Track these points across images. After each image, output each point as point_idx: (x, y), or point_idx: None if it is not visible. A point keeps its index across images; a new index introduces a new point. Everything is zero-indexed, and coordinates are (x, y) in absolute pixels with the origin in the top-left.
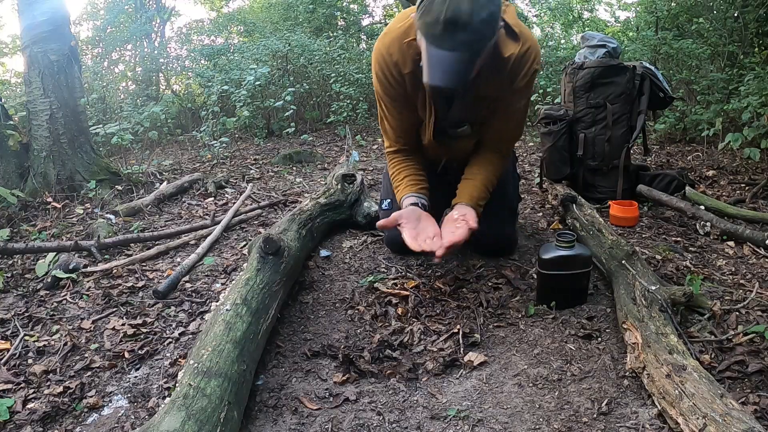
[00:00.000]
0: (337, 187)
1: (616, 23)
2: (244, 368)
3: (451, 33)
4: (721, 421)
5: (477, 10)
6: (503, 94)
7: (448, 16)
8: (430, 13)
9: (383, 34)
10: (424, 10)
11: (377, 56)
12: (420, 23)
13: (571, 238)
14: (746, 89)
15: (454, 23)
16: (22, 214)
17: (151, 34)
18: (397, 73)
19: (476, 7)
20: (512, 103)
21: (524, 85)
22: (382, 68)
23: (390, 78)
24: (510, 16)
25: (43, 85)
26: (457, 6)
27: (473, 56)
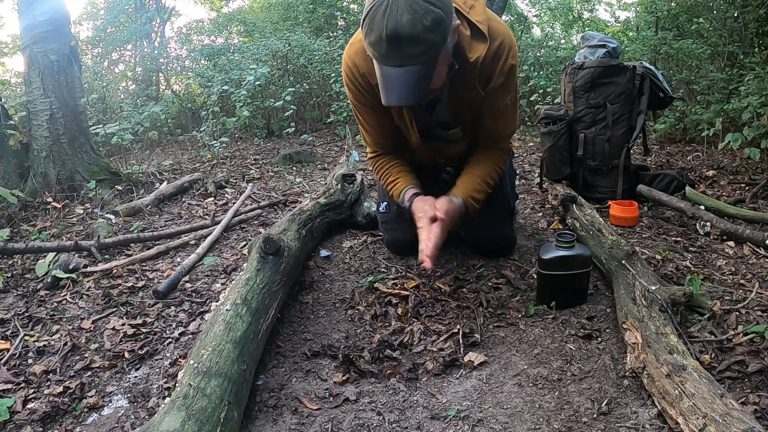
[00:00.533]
0: (337, 187)
1: (616, 23)
2: (244, 368)
3: (396, 49)
4: (721, 421)
5: (419, 19)
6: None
7: (389, 32)
8: (372, 32)
9: (349, 44)
10: (367, 29)
11: (345, 68)
12: (366, 43)
13: (571, 238)
14: (746, 89)
15: (397, 38)
16: (22, 214)
17: (151, 34)
18: (365, 83)
19: (418, 17)
20: (495, 101)
21: (502, 84)
22: (350, 79)
23: (360, 88)
24: (477, 12)
25: (43, 85)
26: (396, 20)
27: (426, 67)
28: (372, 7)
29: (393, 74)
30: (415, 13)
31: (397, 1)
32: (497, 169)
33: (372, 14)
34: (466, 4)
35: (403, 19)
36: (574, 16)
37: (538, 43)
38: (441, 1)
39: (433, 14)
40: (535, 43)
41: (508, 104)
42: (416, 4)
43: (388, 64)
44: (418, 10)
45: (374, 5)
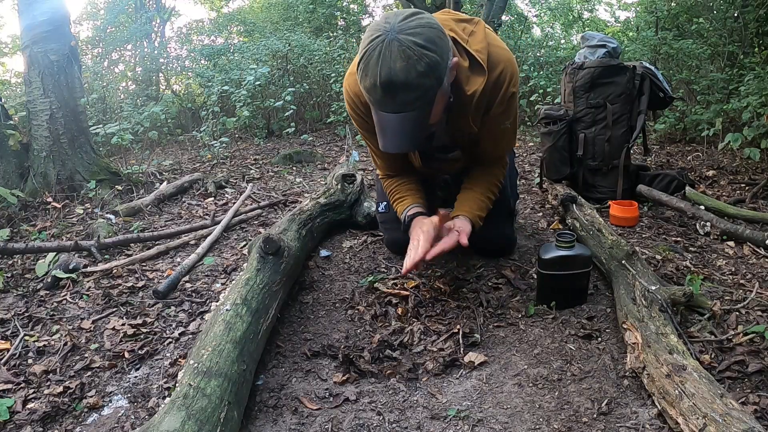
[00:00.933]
0: (337, 187)
1: (616, 23)
2: (244, 368)
3: (390, 95)
4: (721, 421)
5: (413, 65)
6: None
7: (383, 79)
8: (366, 78)
9: (348, 73)
10: (362, 74)
11: (346, 96)
12: (361, 87)
13: (571, 238)
14: (746, 89)
15: (391, 85)
16: (22, 214)
17: (151, 34)
18: (367, 111)
19: (411, 63)
20: (495, 127)
21: (502, 111)
22: (352, 107)
23: (363, 115)
24: (476, 40)
25: (43, 85)
26: (390, 66)
27: (422, 112)
28: (366, 52)
29: (389, 120)
30: (408, 59)
31: (390, 47)
32: (497, 183)
33: (366, 59)
34: (465, 31)
35: (396, 65)
36: (574, 16)
37: (538, 43)
38: (435, 43)
39: (427, 59)
40: (535, 43)
41: (507, 127)
42: (410, 49)
43: (384, 110)
44: (411, 56)
45: (368, 50)
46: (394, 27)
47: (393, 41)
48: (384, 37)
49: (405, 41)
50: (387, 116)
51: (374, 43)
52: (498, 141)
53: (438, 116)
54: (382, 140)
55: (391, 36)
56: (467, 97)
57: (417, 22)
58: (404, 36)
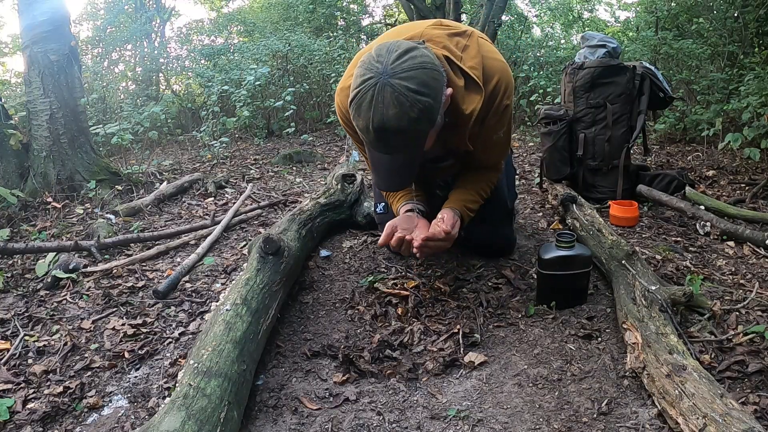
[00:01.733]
0: (337, 187)
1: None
2: (244, 368)
3: (383, 140)
4: (721, 421)
5: (406, 112)
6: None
7: (375, 125)
8: (359, 119)
9: (339, 88)
10: (354, 113)
11: (338, 111)
12: (354, 124)
13: (571, 238)
14: (746, 89)
15: (384, 131)
16: (22, 214)
17: (151, 34)
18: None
19: (404, 110)
20: (488, 138)
21: (496, 122)
22: (346, 123)
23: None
24: (470, 55)
25: (43, 85)
26: (382, 113)
27: (414, 151)
28: (358, 93)
29: (380, 159)
30: (401, 105)
31: (383, 92)
32: (490, 184)
33: (358, 101)
34: (459, 46)
35: (389, 112)
36: (574, 16)
37: (538, 43)
38: (429, 86)
39: (420, 105)
40: (535, 43)
41: (500, 137)
42: (402, 96)
43: (376, 150)
44: (404, 103)
45: (360, 91)
46: (386, 69)
47: (386, 86)
48: (376, 81)
49: (398, 87)
50: (379, 155)
51: (366, 86)
52: (490, 151)
53: (430, 145)
54: (376, 177)
55: (383, 80)
56: (465, 117)
57: (410, 62)
58: (397, 81)
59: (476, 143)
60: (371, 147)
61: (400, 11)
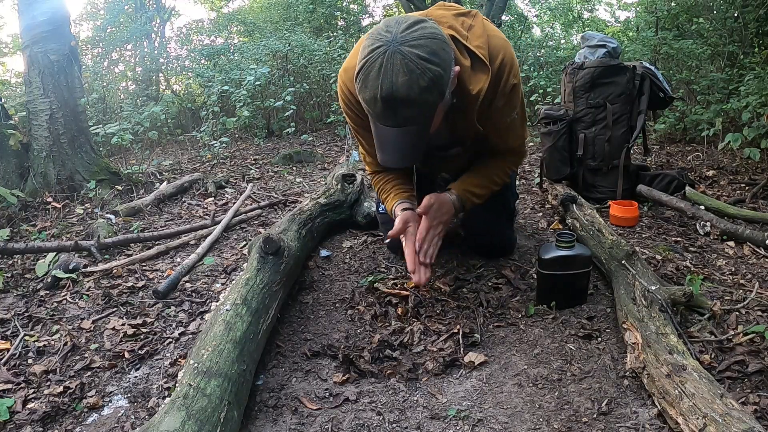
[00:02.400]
0: (337, 187)
1: (616, 23)
2: (244, 368)
3: (392, 110)
4: (721, 421)
5: (416, 80)
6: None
7: (384, 93)
8: (366, 90)
9: (343, 69)
10: (361, 85)
11: (340, 92)
12: (360, 98)
13: (571, 238)
14: (746, 89)
15: (393, 100)
16: (22, 214)
17: (151, 34)
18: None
19: (414, 77)
20: (500, 121)
21: (505, 103)
22: (346, 103)
23: (357, 112)
24: (476, 34)
25: (43, 85)
26: (391, 81)
27: (423, 126)
28: (366, 62)
29: (388, 133)
30: (411, 73)
31: (393, 60)
32: (507, 169)
33: (366, 70)
34: (464, 26)
35: (398, 80)
36: (574, 16)
37: (538, 43)
38: (439, 56)
39: (430, 73)
40: (535, 43)
41: (515, 119)
42: (412, 63)
43: (384, 123)
44: (414, 70)
45: (368, 60)
46: (396, 37)
47: (395, 53)
48: (386, 48)
49: (408, 54)
50: (386, 130)
51: (375, 54)
52: (505, 135)
53: (437, 125)
54: (381, 154)
55: (393, 47)
56: (472, 97)
57: (420, 32)
58: (407, 48)
59: (488, 128)
60: (378, 120)
61: (400, 11)
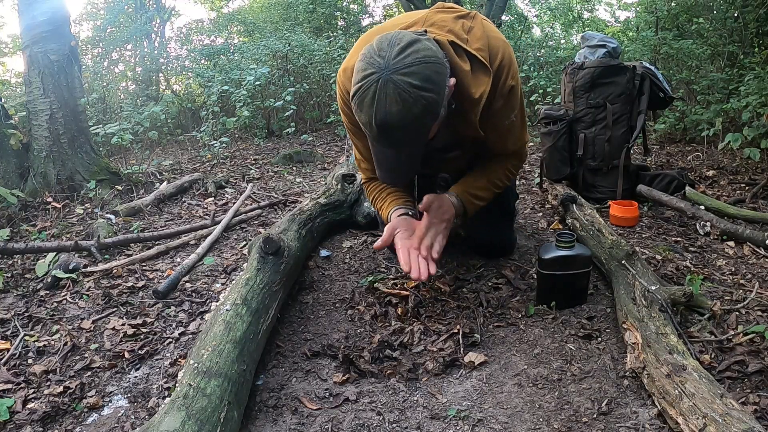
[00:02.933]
0: (337, 187)
1: (616, 23)
2: (244, 368)
3: (386, 136)
4: (721, 421)
5: (409, 108)
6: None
7: (378, 121)
8: (362, 114)
9: (342, 69)
10: (356, 108)
11: (339, 91)
12: (357, 118)
13: (571, 238)
14: (746, 89)
15: (387, 127)
16: (22, 214)
17: (151, 34)
18: None
19: (407, 106)
20: (499, 123)
21: (503, 105)
22: (345, 102)
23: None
24: (475, 36)
25: (43, 85)
26: (385, 110)
27: (417, 146)
28: (360, 88)
29: (384, 154)
30: (404, 102)
31: (386, 89)
32: (507, 172)
33: (361, 95)
34: (464, 28)
35: (392, 109)
36: (574, 16)
37: (538, 43)
38: (432, 81)
39: (423, 100)
40: (535, 43)
41: (513, 121)
42: (405, 92)
43: (380, 145)
44: (407, 99)
45: (362, 86)
46: (389, 64)
47: (388, 83)
48: (378, 76)
49: (400, 83)
50: (383, 150)
51: (368, 81)
52: (504, 137)
53: (434, 132)
54: (380, 172)
55: (385, 76)
56: (474, 101)
57: (413, 57)
58: (399, 77)
59: (487, 129)
60: (375, 142)
61: (400, 11)
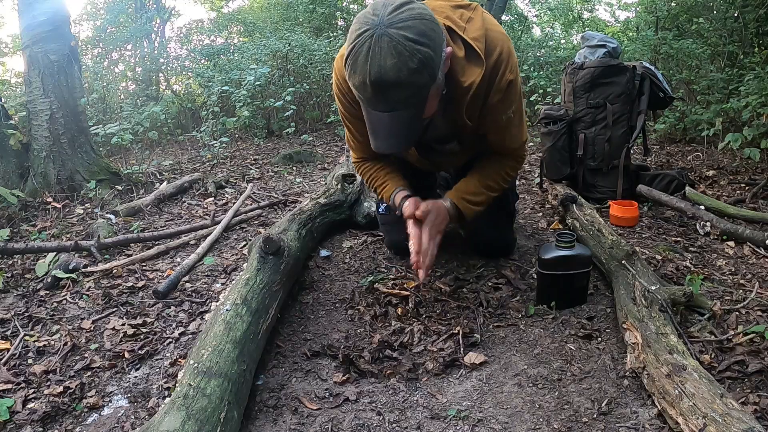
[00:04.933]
0: (337, 187)
1: (616, 23)
2: (244, 368)
3: (382, 94)
4: (721, 421)
5: (405, 62)
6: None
7: (373, 78)
8: (355, 75)
9: (339, 55)
10: (350, 70)
11: (335, 78)
12: (350, 84)
13: (571, 238)
14: (746, 89)
15: (382, 84)
16: (22, 214)
17: (151, 34)
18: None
19: (403, 59)
20: (496, 118)
21: (500, 100)
22: (340, 89)
23: (350, 100)
24: (474, 27)
25: (43, 85)
26: (380, 65)
27: (415, 110)
28: (354, 47)
29: (380, 119)
30: (399, 55)
31: (380, 43)
32: (504, 175)
33: (354, 55)
34: (463, 18)
35: (387, 63)
36: (574, 16)
37: (538, 43)
38: (428, 36)
39: (419, 54)
40: (535, 43)
41: (511, 117)
42: (400, 45)
43: (375, 108)
44: (403, 53)
45: (356, 44)
46: (383, 20)
47: (383, 36)
48: (373, 32)
49: (395, 36)
50: (378, 115)
51: (362, 38)
52: (503, 133)
53: (433, 110)
54: (374, 140)
55: (380, 30)
56: (463, 89)
57: (407, 13)
58: (394, 30)
59: (485, 125)
60: (369, 106)
61: None
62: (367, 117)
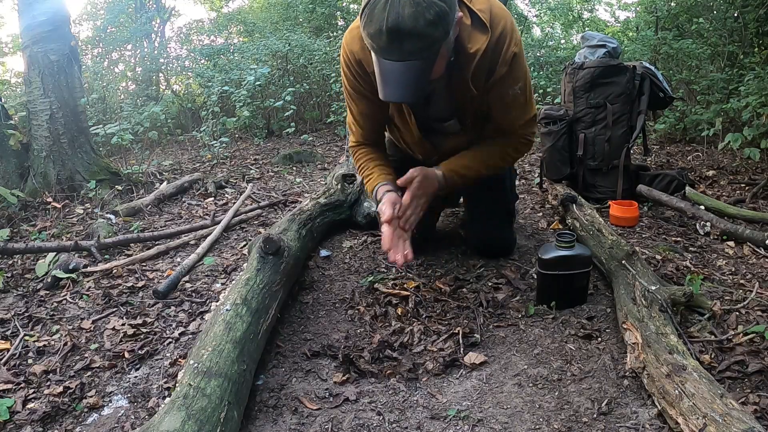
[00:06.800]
0: (337, 187)
1: (616, 23)
2: (244, 368)
3: (397, 43)
4: (721, 421)
5: (422, 12)
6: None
7: (390, 25)
8: (371, 23)
9: (348, 30)
10: (366, 20)
11: (343, 52)
12: (364, 34)
13: (571, 238)
14: (746, 89)
15: (398, 31)
16: (22, 214)
17: (151, 34)
18: (361, 71)
19: (420, 10)
20: (503, 93)
21: (506, 73)
22: (347, 64)
23: (356, 74)
24: (479, 2)
25: (43, 85)
26: (398, 13)
27: (426, 63)
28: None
29: (392, 68)
30: (417, 6)
31: None
32: (505, 155)
33: (372, 4)
34: None
35: (405, 12)
36: (574, 16)
37: (538, 43)
38: None
39: (436, 8)
40: (535, 43)
41: (518, 92)
42: None
43: (388, 57)
44: (420, 3)
45: None
46: None
47: None
48: None
49: None
50: (390, 64)
51: None
52: (508, 110)
53: (440, 71)
54: (383, 89)
55: None
56: (469, 56)
57: None
58: None
59: (492, 99)
60: (382, 54)
61: None
62: (378, 67)
